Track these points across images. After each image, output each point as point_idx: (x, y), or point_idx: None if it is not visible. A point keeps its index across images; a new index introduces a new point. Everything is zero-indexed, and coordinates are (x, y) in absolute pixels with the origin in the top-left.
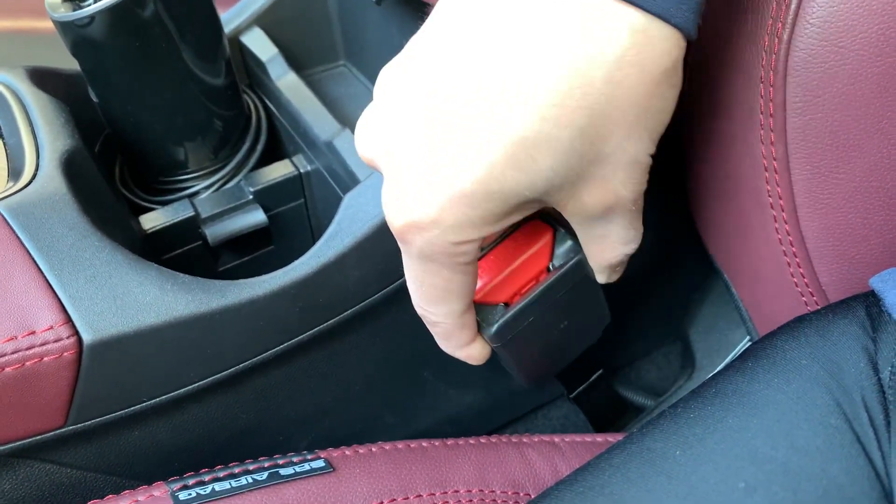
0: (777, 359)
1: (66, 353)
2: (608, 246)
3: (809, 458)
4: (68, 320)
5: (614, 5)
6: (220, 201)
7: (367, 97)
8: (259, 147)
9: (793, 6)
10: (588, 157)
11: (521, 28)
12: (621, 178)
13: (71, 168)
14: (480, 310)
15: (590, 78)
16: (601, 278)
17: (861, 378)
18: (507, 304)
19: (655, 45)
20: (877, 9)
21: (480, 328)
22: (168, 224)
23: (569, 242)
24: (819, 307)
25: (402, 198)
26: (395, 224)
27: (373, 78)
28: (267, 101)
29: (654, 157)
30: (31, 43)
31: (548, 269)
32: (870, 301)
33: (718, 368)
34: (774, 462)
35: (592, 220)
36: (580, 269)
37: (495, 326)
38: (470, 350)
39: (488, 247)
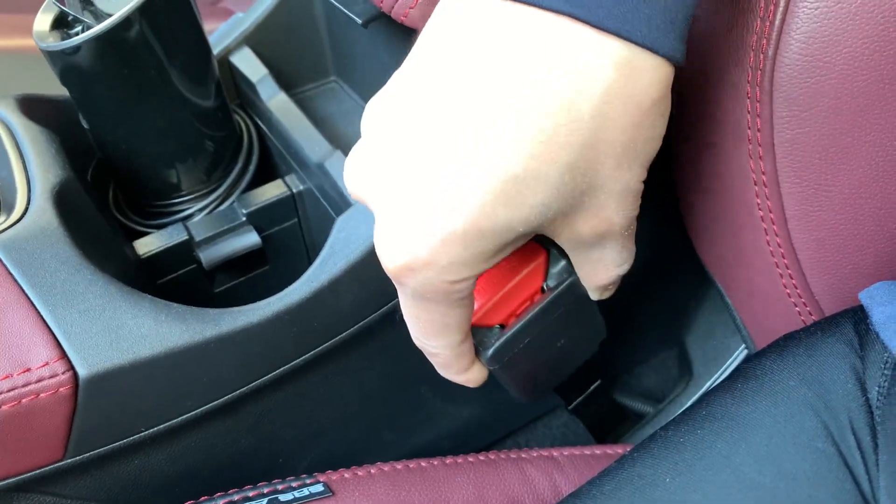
0: (765, 380)
1: (62, 389)
2: (602, 268)
3: (797, 484)
4: (63, 355)
5: (599, 38)
6: (213, 224)
7: (359, 114)
8: (251, 167)
9: (777, 22)
10: (580, 189)
11: (505, 64)
12: (614, 206)
13: (63, 200)
14: (476, 332)
15: (577, 113)
16: (595, 296)
17: (848, 399)
18: (502, 326)
19: (643, 76)
20: (860, 23)
21: (477, 352)
22: (162, 249)
23: (562, 262)
24: (813, 317)
25: (394, 240)
26: (388, 266)
27: (364, 94)
28: (258, 121)
29: (646, 181)
30: (27, 62)
31: (542, 290)
32: (858, 317)
33: (715, 376)
34: (763, 489)
35: (585, 245)
36: (575, 289)
37: (491, 350)
38: (468, 375)
39: None
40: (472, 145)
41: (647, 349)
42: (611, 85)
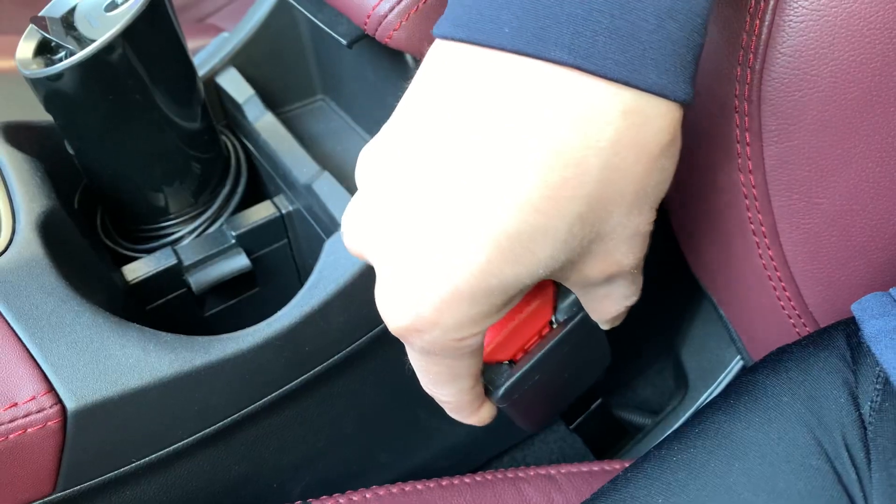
0: (758, 395)
1: (49, 423)
2: (610, 303)
3: (791, 503)
4: (51, 389)
5: (606, 88)
6: (202, 248)
7: (347, 132)
8: (239, 189)
9: (763, 37)
10: (588, 238)
11: (509, 117)
12: (623, 250)
13: (48, 230)
14: (485, 370)
15: (585, 167)
16: (604, 327)
17: (842, 414)
18: (511, 362)
19: (653, 123)
20: (846, 37)
21: (486, 390)
22: (151, 274)
23: (572, 296)
24: (807, 328)
25: (398, 299)
26: (392, 326)
27: (352, 111)
28: (246, 142)
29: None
30: (9, 84)
31: (550, 323)
32: (850, 330)
33: (711, 388)
34: None
35: (594, 286)
36: (585, 323)
37: (502, 389)
38: (479, 416)
39: None
40: (476, 201)
41: (643, 362)
42: (620, 135)
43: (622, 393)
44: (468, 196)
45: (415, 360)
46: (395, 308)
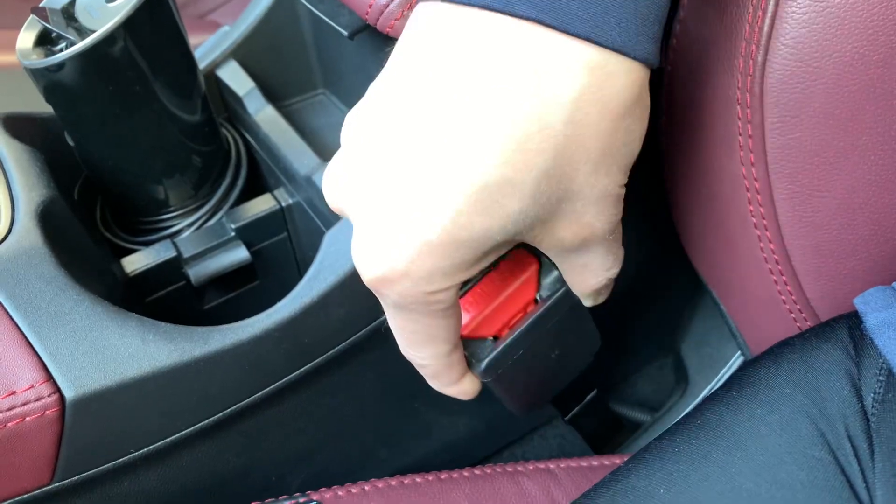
0: (761, 387)
1: (48, 412)
2: (590, 274)
3: (793, 493)
4: (49, 378)
5: (569, 43)
6: (201, 240)
7: None
8: (240, 182)
9: (765, 28)
10: (556, 196)
11: (475, 73)
12: (593, 212)
13: (47, 220)
14: (469, 345)
15: (549, 120)
16: (587, 302)
17: (844, 406)
18: (496, 338)
19: (615, 81)
20: (849, 29)
21: (470, 364)
22: (150, 266)
23: (555, 272)
24: (808, 322)
25: (371, 250)
26: (365, 277)
27: (352, 105)
28: (246, 135)
29: (629, 184)
30: (10, 78)
31: (535, 300)
32: (853, 322)
33: (712, 384)
34: (758, 498)
35: (570, 252)
36: (568, 298)
37: (485, 362)
38: (460, 387)
39: (474, 280)
40: (446, 155)
41: (643, 357)
42: (583, 90)
43: (622, 388)
44: (439, 150)
45: (390, 316)
46: (368, 259)
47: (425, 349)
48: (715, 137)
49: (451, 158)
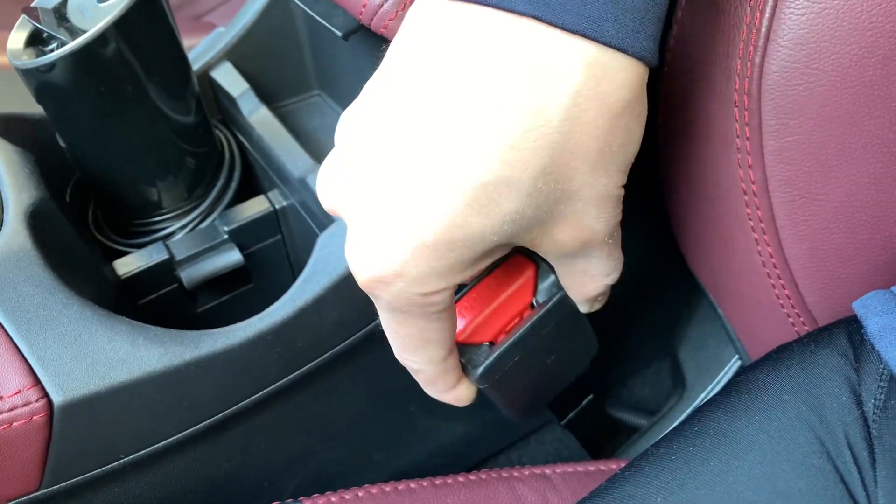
0: (759, 394)
1: (35, 417)
2: (588, 279)
3: (792, 502)
4: (37, 382)
5: (567, 40)
6: (194, 242)
7: None
8: (233, 184)
9: (763, 29)
10: (554, 196)
11: (470, 70)
12: (593, 213)
13: (37, 221)
14: (465, 350)
15: (546, 117)
16: (584, 309)
17: (844, 413)
18: (492, 343)
19: (613, 78)
20: (847, 30)
21: (465, 370)
22: (143, 269)
23: (552, 277)
24: (806, 327)
25: (365, 251)
26: (359, 278)
27: (347, 107)
28: (240, 137)
29: (627, 186)
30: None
31: (532, 305)
32: (852, 327)
33: (709, 388)
34: None
35: (569, 256)
36: (565, 304)
37: (481, 368)
38: (456, 393)
39: (470, 285)
40: (441, 153)
41: (640, 361)
42: (580, 87)
43: (619, 393)
44: (434, 148)
45: (384, 320)
46: (362, 259)
47: (419, 354)
48: (712, 140)
49: (446, 157)
